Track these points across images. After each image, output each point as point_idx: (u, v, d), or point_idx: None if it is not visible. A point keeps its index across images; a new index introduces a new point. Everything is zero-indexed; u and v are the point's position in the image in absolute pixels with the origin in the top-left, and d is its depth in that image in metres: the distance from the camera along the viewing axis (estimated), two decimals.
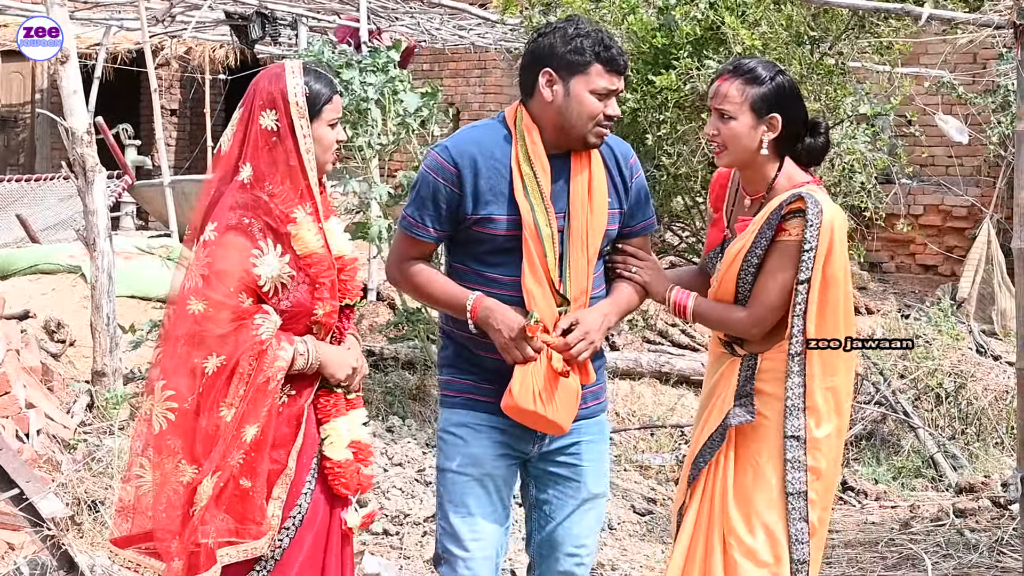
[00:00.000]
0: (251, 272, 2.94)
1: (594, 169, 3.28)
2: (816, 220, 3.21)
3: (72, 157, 6.32)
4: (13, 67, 15.69)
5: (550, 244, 3.20)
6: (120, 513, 3.07)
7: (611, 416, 7.41)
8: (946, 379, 7.21)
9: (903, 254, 12.30)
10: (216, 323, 2.90)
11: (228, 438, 2.90)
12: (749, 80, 3.31)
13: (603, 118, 3.22)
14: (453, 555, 3.31)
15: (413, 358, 7.49)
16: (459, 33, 12.95)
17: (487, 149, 3.24)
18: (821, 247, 3.21)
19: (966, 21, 5.71)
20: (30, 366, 6.02)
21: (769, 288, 3.29)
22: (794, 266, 3.26)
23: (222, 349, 2.89)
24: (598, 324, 3.24)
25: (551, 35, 3.24)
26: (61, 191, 11.93)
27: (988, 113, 11.04)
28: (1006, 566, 5.06)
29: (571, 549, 3.39)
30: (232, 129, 3.05)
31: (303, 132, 3.00)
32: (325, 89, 3.07)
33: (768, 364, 3.34)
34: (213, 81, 15.19)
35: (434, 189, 3.23)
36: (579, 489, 3.38)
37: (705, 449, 3.38)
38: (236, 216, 2.96)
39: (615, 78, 3.22)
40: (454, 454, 3.33)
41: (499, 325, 3.17)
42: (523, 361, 3.16)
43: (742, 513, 3.31)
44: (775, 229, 3.26)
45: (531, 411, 3.15)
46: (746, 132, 3.31)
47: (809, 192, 3.26)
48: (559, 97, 3.22)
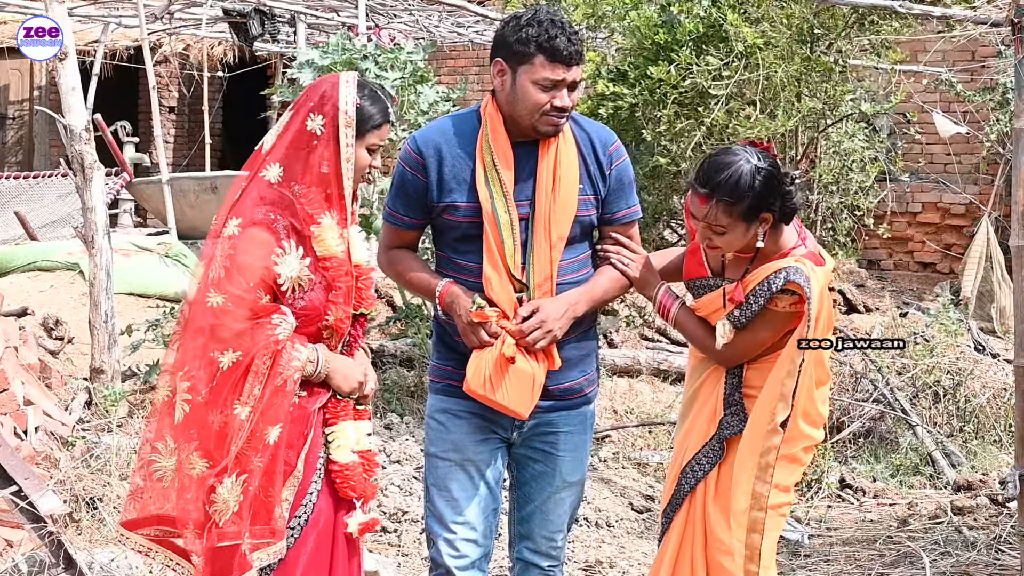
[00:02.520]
0: (272, 269, 2.95)
1: (562, 157, 3.30)
2: (810, 294, 3.25)
3: (70, 154, 6.32)
4: (12, 64, 15.68)
5: (508, 231, 3.24)
6: (132, 496, 3.07)
7: (609, 413, 7.41)
8: (944, 377, 7.20)
9: (901, 252, 12.31)
10: (234, 318, 2.90)
11: (249, 438, 2.90)
12: (732, 201, 3.23)
13: (551, 109, 3.21)
14: (438, 536, 3.40)
15: (412, 355, 7.49)
16: (457, 30, 12.95)
17: (453, 137, 3.31)
18: (814, 312, 3.25)
19: (964, 18, 5.71)
20: (28, 363, 6.02)
21: (748, 341, 3.36)
22: (776, 328, 3.33)
23: (239, 344, 2.89)
24: (559, 312, 3.26)
25: (507, 24, 3.27)
26: (59, 188, 11.92)
27: (987, 111, 11.04)
28: (1004, 564, 5.06)
29: (546, 533, 3.50)
30: (277, 130, 3.06)
31: (347, 141, 3.01)
32: (379, 114, 3.08)
33: (754, 374, 3.40)
34: (211, 78, 15.17)
35: (403, 178, 3.34)
36: (554, 477, 3.45)
37: (702, 459, 3.41)
38: (262, 211, 2.97)
39: (560, 69, 3.19)
40: (436, 439, 3.42)
41: (460, 311, 3.27)
42: (479, 346, 3.24)
43: (720, 509, 3.35)
44: (767, 300, 3.30)
45: (482, 395, 3.23)
46: (741, 237, 3.31)
47: (798, 269, 3.28)
48: (507, 87, 3.25)
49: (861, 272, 11.62)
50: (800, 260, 3.31)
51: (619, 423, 7.27)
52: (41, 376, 6.13)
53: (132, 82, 15.62)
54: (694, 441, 3.44)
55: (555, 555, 3.51)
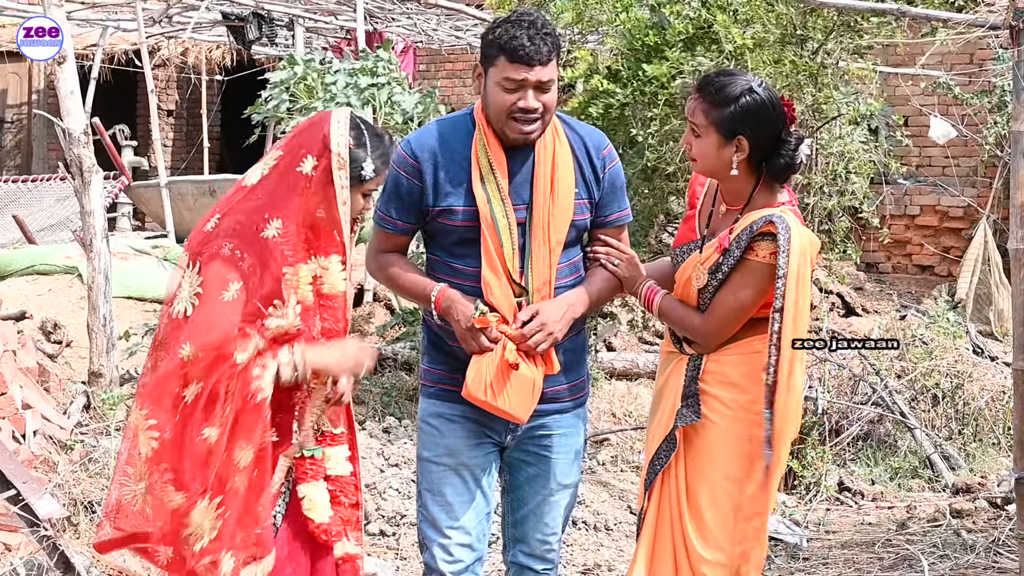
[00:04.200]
0: (258, 321, 2.87)
1: (558, 160, 3.29)
2: (786, 246, 3.18)
3: (69, 158, 6.32)
4: (10, 68, 15.67)
5: (507, 235, 3.23)
6: (105, 516, 3.02)
7: (608, 417, 7.41)
8: (943, 379, 7.20)
9: (900, 254, 12.31)
10: (202, 361, 2.83)
11: (224, 460, 2.84)
12: (715, 102, 3.25)
13: (516, 110, 3.18)
14: (433, 541, 3.39)
15: (410, 359, 7.49)
16: (456, 34, 12.96)
17: (448, 142, 3.29)
18: (792, 271, 3.18)
19: (962, 22, 5.71)
20: (27, 367, 6.02)
21: (728, 302, 3.28)
22: (756, 286, 3.25)
23: (200, 378, 2.83)
24: (559, 314, 3.26)
25: (488, 30, 3.27)
26: (58, 192, 11.92)
27: (984, 113, 11.05)
28: (1003, 567, 5.06)
29: (541, 536, 3.48)
30: (264, 169, 2.98)
31: (341, 183, 2.95)
32: (379, 162, 3.02)
33: (713, 366, 3.34)
34: (210, 82, 15.17)
35: (397, 182, 3.30)
36: (548, 480, 3.44)
37: (661, 452, 3.38)
38: (229, 247, 2.88)
39: (521, 69, 3.14)
40: (431, 444, 3.39)
41: (458, 316, 3.24)
42: (479, 351, 3.21)
43: (695, 524, 3.31)
44: (744, 249, 3.25)
45: (483, 401, 3.21)
46: (713, 151, 3.29)
47: (781, 216, 3.24)
48: (482, 91, 3.26)
49: (859, 275, 11.63)
50: (785, 212, 3.28)
51: (617, 426, 7.27)
52: (39, 380, 6.12)
53: (130, 86, 15.62)
54: (657, 436, 3.41)
55: (550, 558, 3.51)
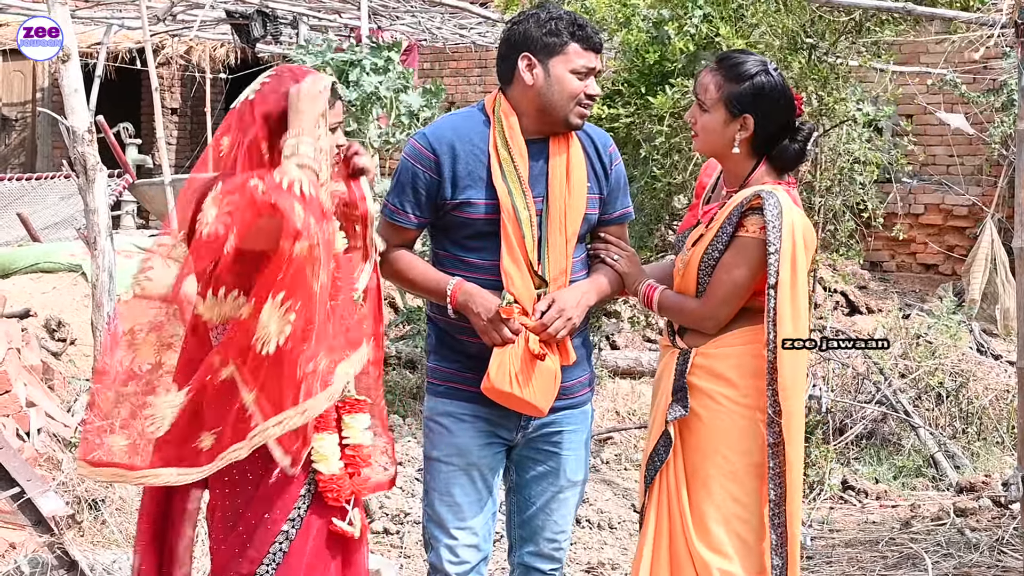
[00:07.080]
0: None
1: (572, 154, 3.33)
2: (776, 221, 3.17)
3: (73, 156, 6.31)
4: (14, 66, 15.68)
5: (528, 227, 3.24)
6: (99, 431, 3.05)
7: (612, 415, 7.41)
8: (947, 378, 7.20)
9: (904, 253, 12.30)
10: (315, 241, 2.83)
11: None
12: (729, 77, 3.29)
13: (584, 97, 3.27)
14: (439, 541, 3.37)
15: (414, 357, 7.50)
16: (460, 32, 12.95)
17: (465, 135, 3.29)
18: (785, 248, 3.17)
19: (968, 21, 5.70)
20: (31, 365, 6.02)
21: (722, 281, 3.27)
22: (749, 264, 3.23)
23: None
24: (575, 301, 3.27)
25: (525, 22, 3.29)
26: (62, 190, 11.93)
27: (991, 112, 11.03)
28: (1007, 565, 5.05)
29: (549, 534, 3.46)
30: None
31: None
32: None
33: (701, 360, 3.31)
34: (214, 80, 15.17)
35: (413, 176, 3.29)
36: (558, 476, 3.43)
37: (658, 448, 3.37)
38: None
39: (593, 56, 3.27)
40: (439, 443, 3.37)
41: (478, 308, 3.21)
42: (501, 343, 3.20)
43: (696, 522, 3.29)
44: (735, 225, 3.25)
45: (508, 392, 3.19)
46: (718, 127, 3.30)
47: (771, 191, 3.23)
48: (540, 80, 3.25)
49: (864, 274, 11.61)
50: (777, 189, 3.26)
51: (621, 425, 7.27)
52: (43, 378, 6.13)
53: (135, 84, 15.63)
54: (654, 433, 3.40)
55: (558, 557, 3.49)
